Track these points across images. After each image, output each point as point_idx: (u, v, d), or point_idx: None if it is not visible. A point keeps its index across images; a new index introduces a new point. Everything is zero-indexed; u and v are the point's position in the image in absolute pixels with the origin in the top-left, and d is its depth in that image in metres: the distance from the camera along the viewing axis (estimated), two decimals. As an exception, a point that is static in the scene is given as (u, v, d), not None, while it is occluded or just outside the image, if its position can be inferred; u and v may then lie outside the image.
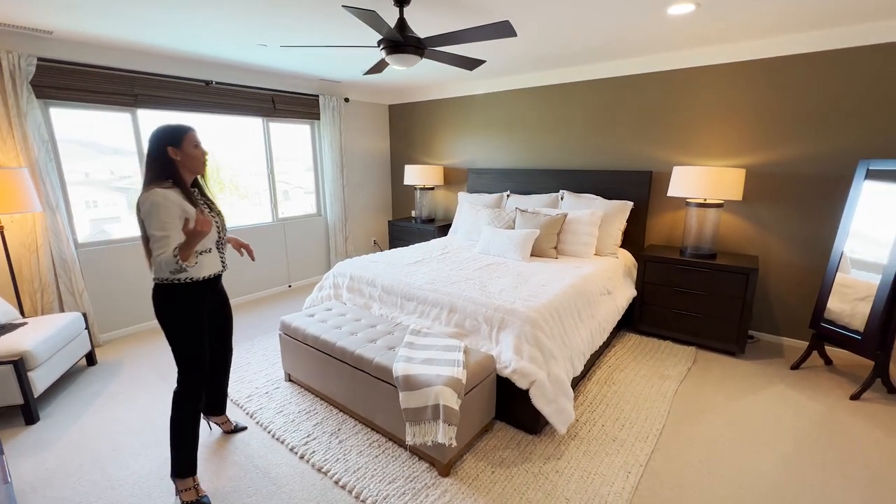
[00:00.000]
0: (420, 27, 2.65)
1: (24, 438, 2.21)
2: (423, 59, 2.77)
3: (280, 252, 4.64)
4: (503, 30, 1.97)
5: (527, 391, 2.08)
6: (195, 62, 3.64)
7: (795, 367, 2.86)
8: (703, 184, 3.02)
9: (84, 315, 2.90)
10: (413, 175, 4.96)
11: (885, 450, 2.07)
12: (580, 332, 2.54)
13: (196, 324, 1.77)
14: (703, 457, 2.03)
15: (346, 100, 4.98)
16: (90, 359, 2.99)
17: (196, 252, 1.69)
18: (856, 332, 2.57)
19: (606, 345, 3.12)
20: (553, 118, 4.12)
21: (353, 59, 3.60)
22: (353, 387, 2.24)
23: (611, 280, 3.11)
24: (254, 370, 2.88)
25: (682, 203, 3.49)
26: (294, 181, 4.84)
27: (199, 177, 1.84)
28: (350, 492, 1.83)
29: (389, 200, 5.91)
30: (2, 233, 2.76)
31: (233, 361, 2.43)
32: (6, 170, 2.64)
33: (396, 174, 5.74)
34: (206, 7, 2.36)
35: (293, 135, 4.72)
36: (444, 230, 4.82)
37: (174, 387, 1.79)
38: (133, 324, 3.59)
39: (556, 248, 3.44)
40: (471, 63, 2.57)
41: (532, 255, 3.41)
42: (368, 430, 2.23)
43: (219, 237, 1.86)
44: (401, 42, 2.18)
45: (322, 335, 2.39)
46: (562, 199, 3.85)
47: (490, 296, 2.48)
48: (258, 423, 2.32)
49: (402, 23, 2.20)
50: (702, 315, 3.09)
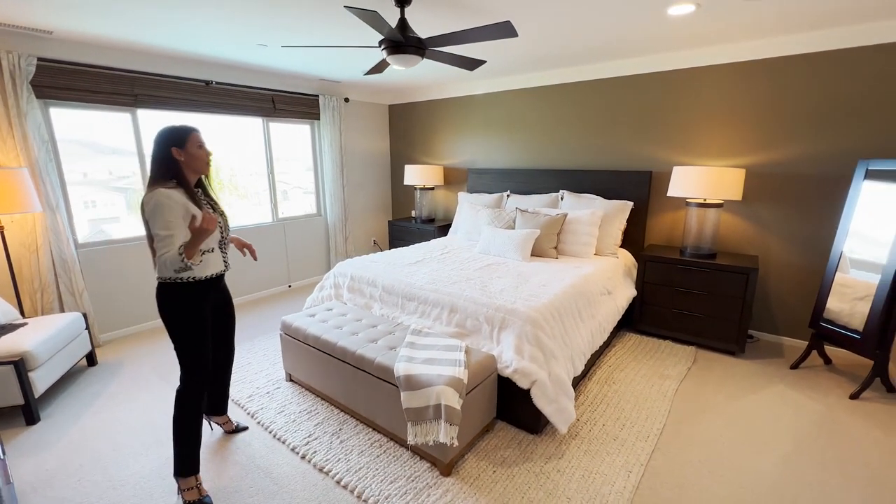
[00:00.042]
0: (420, 27, 2.65)
1: (25, 439, 2.21)
2: (424, 60, 2.77)
3: (280, 252, 4.64)
4: (504, 30, 1.97)
5: (528, 391, 2.08)
6: (195, 62, 3.64)
7: (795, 367, 2.87)
8: (703, 184, 3.03)
9: (84, 315, 2.90)
10: (413, 175, 4.96)
11: (885, 449, 2.08)
12: (581, 332, 2.55)
13: (199, 322, 1.78)
14: (704, 456, 2.04)
15: (346, 100, 4.98)
16: (90, 359, 2.99)
17: (200, 251, 1.71)
18: (855, 332, 2.58)
19: (607, 344, 3.12)
20: (553, 118, 4.13)
21: (354, 59, 3.60)
22: (355, 387, 2.24)
23: (611, 280, 3.12)
24: (254, 370, 2.88)
25: (682, 203, 3.50)
26: (293, 181, 4.84)
27: (203, 177, 1.86)
28: (352, 491, 1.84)
29: (389, 200, 5.91)
30: (2, 233, 2.76)
31: (234, 361, 2.44)
32: (6, 170, 2.64)
33: (396, 174, 5.74)
34: (206, 7, 2.36)
35: (293, 135, 4.71)
36: (444, 230, 4.82)
37: (175, 387, 1.80)
38: (133, 324, 3.59)
39: (557, 248, 3.45)
40: (471, 63, 2.57)
41: (532, 255, 3.42)
42: (370, 430, 2.24)
43: (221, 237, 1.87)
44: (402, 42, 2.19)
45: (323, 335, 2.39)
46: (562, 199, 3.85)
47: (491, 296, 2.48)
48: (259, 424, 2.33)
49: (404, 23, 2.20)
50: (702, 315, 3.10)
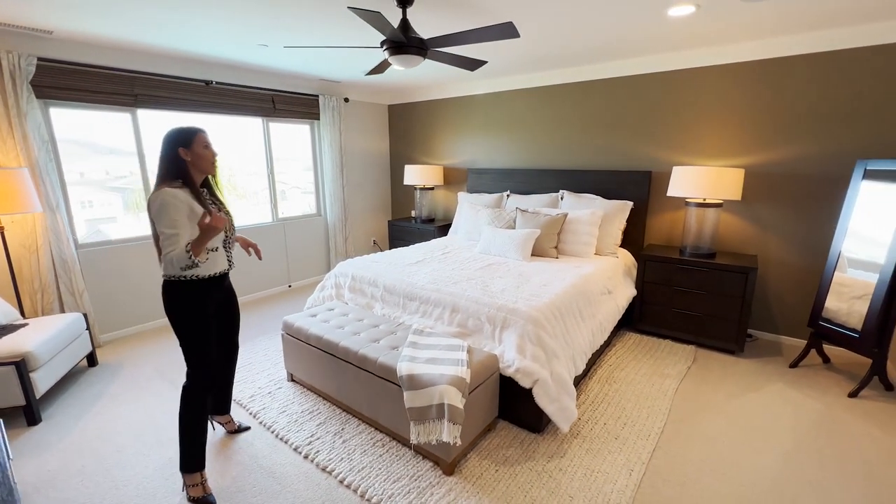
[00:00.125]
0: (421, 27, 2.66)
1: (27, 439, 2.21)
2: (425, 60, 2.77)
3: (280, 252, 4.64)
4: (507, 31, 1.98)
5: (530, 390, 2.09)
6: (195, 62, 3.63)
7: (794, 366, 2.88)
8: (703, 184, 3.04)
9: (84, 315, 2.89)
10: (413, 175, 4.96)
11: (883, 447, 2.10)
12: (582, 332, 2.56)
13: (203, 319, 1.80)
14: (704, 454, 2.05)
15: (346, 100, 4.98)
16: (91, 359, 2.98)
17: (206, 249, 1.73)
18: (853, 331, 2.60)
19: (607, 344, 3.14)
20: (553, 118, 4.14)
21: (354, 59, 3.60)
22: (357, 386, 2.24)
23: (611, 280, 3.13)
24: (256, 370, 2.89)
25: (682, 203, 3.51)
26: (291, 181, 4.83)
27: (210, 177, 1.88)
28: (355, 491, 1.84)
29: (389, 200, 5.91)
30: (2, 233, 2.75)
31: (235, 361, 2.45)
32: (6, 170, 2.64)
33: (396, 174, 5.74)
34: (207, 7, 2.36)
35: (292, 135, 4.71)
36: (444, 230, 4.82)
37: (176, 387, 1.81)
38: (134, 324, 3.58)
39: (557, 248, 3.46)
40: (473, 64, 2.58)
41: (532, 255, 3.43)
42: (372, 430, 2.24)
43: (226, 236, 1.89)
44: (404, 43, 2.19)
45: (325, 335, 2.39)
46: (562, 199, 3.86)
47: (492, 295, 2.49)
48: (261, 423, 2.33)
49: (405, 23, 2.21)
50: (701, 314, 3.12)
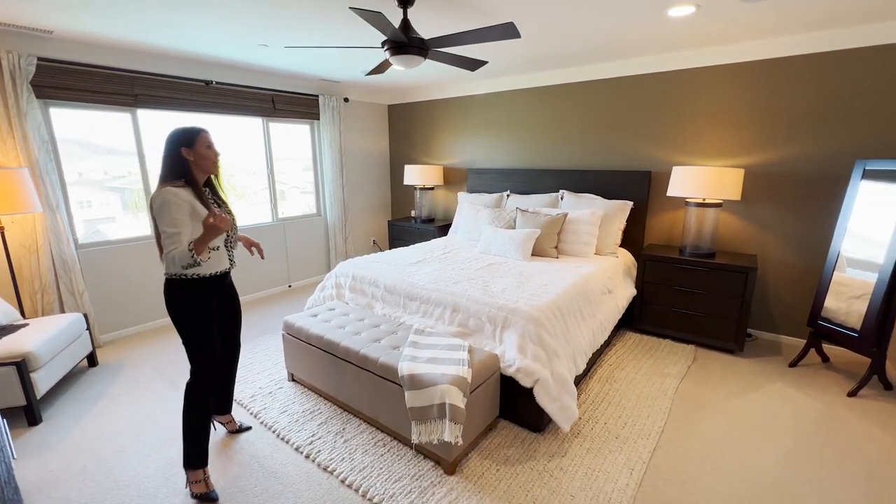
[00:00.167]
0: (422, 27, 2.66)
1: (28, 440, 2.21)
2: (426, 60, 2.77)
3: (280, 252, 4.64)
4: (508, 31, 1.98)
5: (531, 389, 2.10)
6: (195, 62, 3.63)
7: (793, 365, 2.89)
8: (702, 184, 3.05)
9: (85, 316, 2.89)
10: (413, 175, 4.96)
11: (882, 445, 2.11)
12: (582, 331, 2.56)
13: (204, 318, 1.81)
14: (705, 453, 2.06)
15: (346, 100, 4.98)
16: (91, 360, 2.98)
17: (208, 248, 1.74)
18: (852, 330, 2.61)
19: (607, 343, 3.14)
20: (553, 118, 4.15)
21: (354, 60, 3.61)
22: (358, 386, 2.25)
23: (611, 279, 3.14)
24: (256, 370, 2.89)
25: (682, 203, 3.52)
26: (290, 181, 4.83)
27: (213, 177, 1.89)
28: (356, 490, 1.85)
29: (389, 200, 5.92)
30: (2, 233, 2.75)
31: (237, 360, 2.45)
32: (6, 170, 2.63)
33: (396, 174, 5.74)
34: (207, 7, 2.36)
35: (292, 135, 4.71)
36: (444, 230, 4.83)
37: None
38: (134, 324, 3.58)
39: (557, 248, 3.46)
40: (473, 64, 2.58)
41: (533, 255, 3.43)
42: (373, 430, 2.25)
43: (228, 236, 1.89)
44: (405, 43, 2.19)
45: (326, 335, 2.39)
46: (562, 199, 3.87)
47: (493, 295, 2.50)
48: (263, 423, 2.33)
49: (406, 24, 2.21)
50: (701, 314, 3.13)
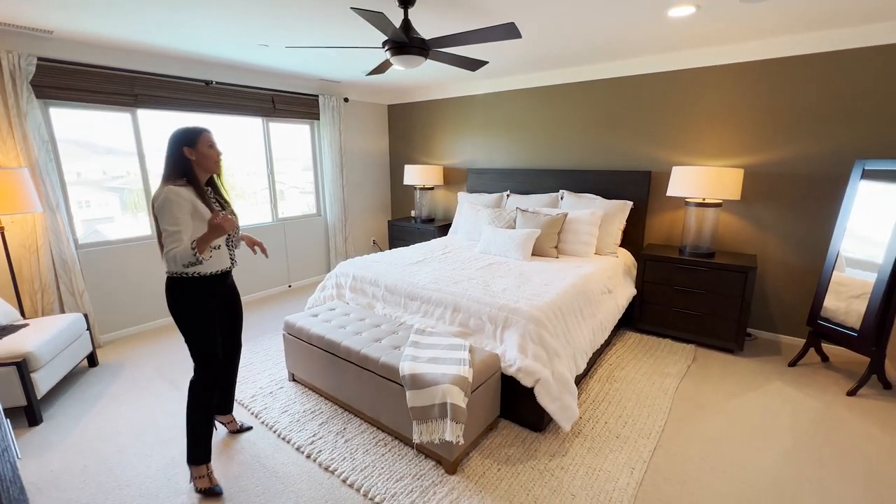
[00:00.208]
0: (422, 27, 2.66)
1: (29, 440, 2.21)
2: (426, 60, 2.78)
3: (280, 252, 4.64)
4: (509, 31, 1.98)
5: (531, 389, 2.10)
6: (195, 62, 3.63)
7: (793, 364, 2.90)
8: (702, 183, 3.06)
9: (85, 316, 2.89)
10: (413, 175, 4.97)
11: (881, 445, 2.11)
12: (582, 331, 2.57)
13: (205, 316, 1.82)
14: (705, 453, 2.07)
15: (346, 100, 4.98)
16: (91, 360, 2.97)
17: (210, 246, 1.76)
18: (851, 330, 2.61)
19: (607, 343, 3.15)
20: (553, 118, 4.15)
21: (354, 60, 3.61)
22: (359, 386, 2.25)
23: (611, 279, 3.14)
24: (257, 370, 2.89)
25: (681, 203, 3.53)
26: (289, 181, 4.82)
27: (216, 177, 1.89)
28: (358, 490, 1.85)
29: (389, 200, 5.92)
30: (2, 233, 2.75)
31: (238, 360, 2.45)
32: (6, 170, 2.63)
33: (396, 174, 5.74)
34: (207, 7, 2.36)
35: (292, 135, 4.71)
36: (444, 230, 4.83)
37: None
38: (134, 324, 3.57)
39: (557, 248, 3.47)
40: (474, 64, 2.58)
41: (533, 255, 3.44)
42: (374, 429, 2.25)
43: (230, 235, 1.90)
44: (406, 43, 2.20)
45: (327, 335, 2.40)
46: (561, 199, 3.87)
47: (493, 295, 2.50)
48: (263, 423, 2.33)
49: (407, 24, 2.21)
50: (701, 313, 3.13)
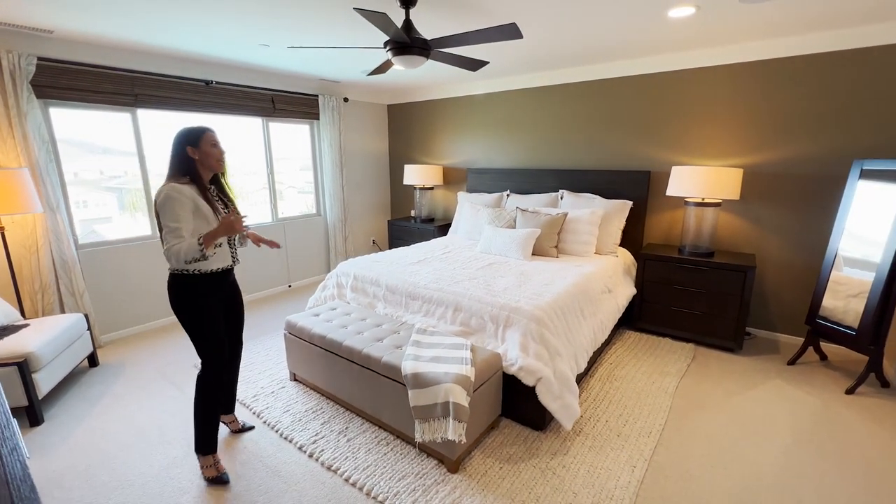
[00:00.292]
0: (424, 28, 2.67)
1: (30, 440, 2.20)
2: (428, 60, 2.78)
3: (280, 252, 4.63)
4: (510, 32, 1.99)
5: (533, 388, 2.11)
6: (195, 62, 3.63)
7: (792, 363, 2.92)
8: (701, 183, 3.07)
9: (85, 316, 2.88)
10: (412, 175, 4.97)
11: (880, 442, 2.13)
12: (583, 330, 2.58)
13: (207, 312, 1.84)
14: (706, 450, 2.08)
15: (346, 100, 4.98)
16: (92, 360, 2.97)
17: (215, 243, 1.78)
18: (850, 328, 2.63)
19: (607, 342, 3.16)
20: (552, 118, 4.16)
21: (354, 60, 3.61)
22: (361, 385, 2.25)
23: (611, 278, 3.16)
24: (258, 370, 2.89)
25: (681, 202, 3.54)
26: (287, 181, 4.81)
27: (221, 175, 1.91)
28: (360, 489, 1.86)
29: (388, 200, 5.92)
30: (2, 233, 2.74)
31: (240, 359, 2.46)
32: (7, 170, 2.62)
33: (395, 174, 5.74)
34: (208, 7, 2.36)
35: (292, 135, 4.71)
36: (444, 230, 4.84)
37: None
38: (134, 324, 3.57)
39: (557, 247, 3.48)
40: (475, 64, 2.59)
41: (533, 254, 3.45)
42: (376, 429, 2.26)
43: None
44: (407, 43, 2.20)
45: (329, 334, 2.40)
46: (561, 199, 3.88)
47: (495, 294, 2.51)
48: (265, 423, 2.34)
49: (409, 24, 2.21)
50: (700, 312, 3.15)
